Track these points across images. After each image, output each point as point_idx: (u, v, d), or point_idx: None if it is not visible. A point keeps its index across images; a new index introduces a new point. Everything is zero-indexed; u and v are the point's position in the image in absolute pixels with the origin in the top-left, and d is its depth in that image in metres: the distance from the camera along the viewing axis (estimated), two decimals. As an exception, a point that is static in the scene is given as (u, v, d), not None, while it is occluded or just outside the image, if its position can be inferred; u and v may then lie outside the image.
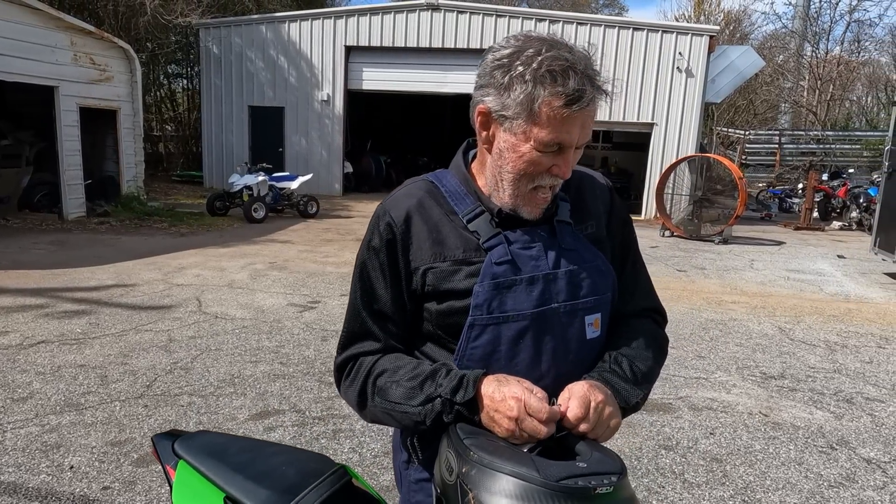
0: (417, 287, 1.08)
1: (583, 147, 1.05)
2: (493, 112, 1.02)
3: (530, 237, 1.07)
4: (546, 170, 1.02)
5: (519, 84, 0.97)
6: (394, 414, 1.03)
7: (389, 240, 1.08)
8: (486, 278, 1.03)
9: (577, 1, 37.27)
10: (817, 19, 23.03)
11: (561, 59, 0.97)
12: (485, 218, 1.07)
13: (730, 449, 3.23)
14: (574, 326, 1.08)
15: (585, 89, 0.97)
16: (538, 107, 0.97)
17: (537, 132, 0.98)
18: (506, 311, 1.04)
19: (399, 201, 1.11)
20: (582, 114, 0.98)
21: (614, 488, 0.86)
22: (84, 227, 9.49)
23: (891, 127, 8.39)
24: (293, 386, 3.80)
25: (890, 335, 5.55)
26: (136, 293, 5.80)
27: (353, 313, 1.14)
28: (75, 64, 9.77)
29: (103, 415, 3.31)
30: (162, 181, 16.57)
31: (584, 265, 1.09)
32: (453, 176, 1.14)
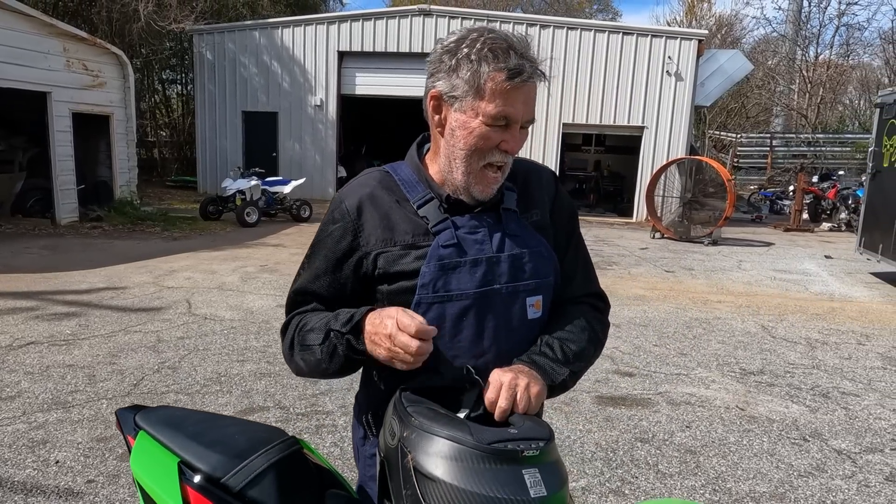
0: (368, 270, 1.15)
1: (527, 128, 1.13)
2: (444, 94, 1.10)
3: (476, 223, 1.14)
4: (495, 145, 1.09)
5: (465, 64, 1.06)
6: (305, 356, 1.12)
7: (342, 226, 1.16)
8: (433, 260, 1.10)
9: (571, 6, 37.56)
10: (807, 23, 23.25)
11: (501, 41, 1.07)
12: (434, 204, 1.15)
13: (704, 441, 3.31)
14: (515, 307, 1.15)
15: (525, 65, 1.06)
16: (483, 82, 1.05)
17: (484, 106, 1.06)
18: (450, 291, 1.11)
19: (353, 190, 1.19)
20: (523, 88, 1.07)
21: (540, 451, 0.92)
22: (77, 231, 9.53)
23: (874, 129, 8.51)
24: (278, 384, 3.86)
25: (870, 332, 5.64)
26: (126, 296, 5.86)
27: (295, 286, 1.22)
28: (68, 70, 9.84)
29: (90, 412, 3.36)
30: (156, 186, 16.63)
31: (527, 250, 1.16)
32: (407, 166, 1.22)
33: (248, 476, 1.02)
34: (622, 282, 7.45)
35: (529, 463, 0.91)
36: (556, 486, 0.92)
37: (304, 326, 1.14)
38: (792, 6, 23.86)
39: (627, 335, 5.22)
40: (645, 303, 6.41)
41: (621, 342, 5.01)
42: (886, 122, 7.94)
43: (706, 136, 22.49)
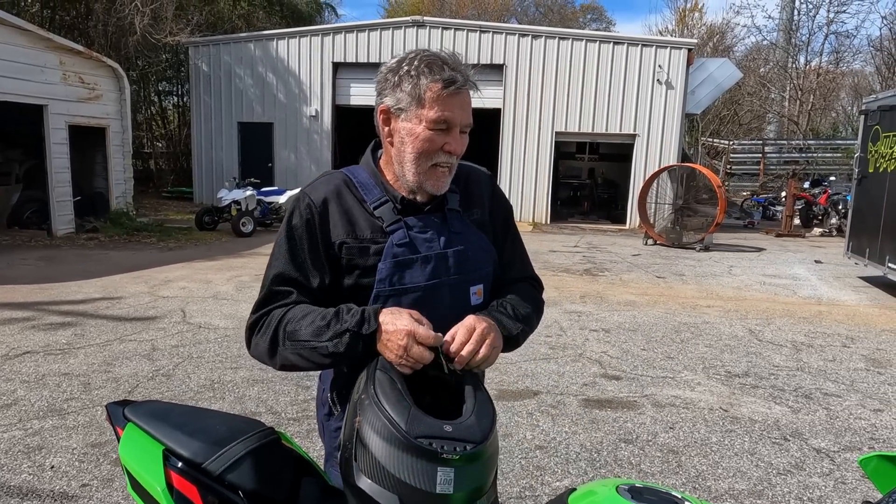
0: (333, 257, 1.26)
1: (467, 131, 1.26)
2: (391, 108, 1.25)
3: (425, 223, 1.28)
4: (440, 147, 1.23)
5: (406, 79, 1.21)
6: (304, 352, 1.17)
7: (309, 219, 1.26)
8: (388, 257, 1.24)
9: (565, 15, 37.92)
10: (797, 32, 23.55)
11: (435, 58, 1.23)
12: (388, 206, 1.28)
13: (687, 442, 3.38)
14: (460, 295, 1.30)
15: (457, 76, 1.21)
16: (423, 93, 1.20)
17: (426, 113, 1.21)
18: (404, 284, 1.24)
19: (318, 187, 1.30)
20: (458, 96, 1.21)
21: (460, 457, 0.97)
22: (73, 243, 9.60)
23: (859, 135, 8.66)
24: (271, 390, 3.93)
25: (856, 335, 5.73)
26: (121, 305, 5.92)
27: (268, 281, 1.28)
28: (64, 83, 9.94)
29: (85, 419, 3.43)
30: (152, 197, 16.70)
31: (469, 245, 1.31)
32: (363, 170, 1.35)
33: (227, 462, 1.10)
34: (613, 288, 7.54)
35: (446, 464, 0.97)
36: (465, 487, 0.98)
37: (289, 321, 1.19)
38: (782, 15, 24.16)
39: (616, 339, 5.30)
40: (635, 308, 6.50)
41: (610, 346, 5.09)
42: (871, 129, 8.08)
43: (699, 143, 22.69)
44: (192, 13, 16.36)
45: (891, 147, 7.48)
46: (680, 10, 28.37)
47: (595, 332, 5.52)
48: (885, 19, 22.99)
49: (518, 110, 14.53)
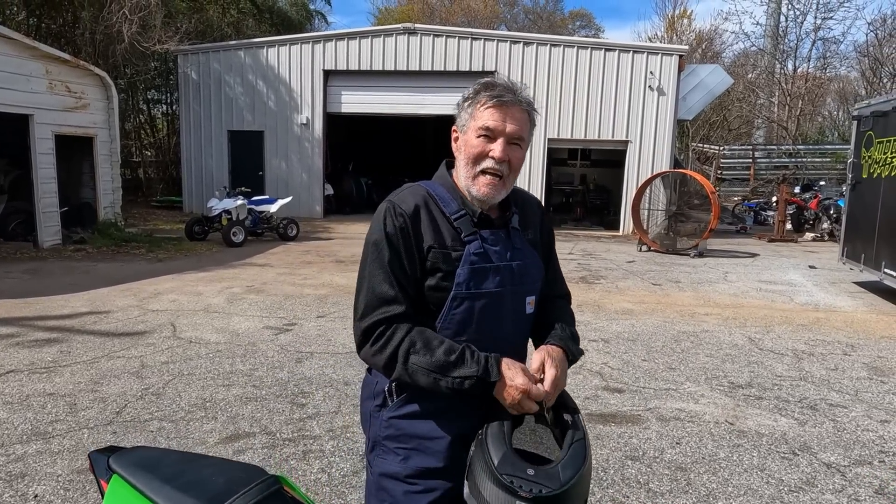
0: (422, 260, 1.41)
1: (520, 144, 1.44)
2: (458, 127, 1.49)
3: (495, 237, 1.47)
4: (486, 153, 1.41)
5: (469, 101, 1.46)
6: (423, 379, 1.33)
7: (403, 226, 1.40)
8: (467, 264, 1.40)
9: (553, 22, 38.11)
10: (784, 37, 23.75)
11: (493, 81, 1.45)
12: (467, 219, 1.44)
13: (695, 458, 3.30)
14: (519, 303, 1.49)
15: (506, 94, 1.41)
16: (476, 108, 1.43)
17: (475, 123, 1.43)
18: (479, 289, 1.41)
19: (405, 198, 1.46)
20: (505, 109, 1.41)
21: (534, 497, 1.15)
22: (59, 254, 9.41)
23: (852, 140, 8.67)
24: (265, 408, 3.80)
25: (856, 342, 5.68)
26: (109, 320, 5.77)
27: (372, 284, 1.40)
28: (50, 92, 9.77)
29: (70, 443, 3.29)
30: (141, 207, 16.49)
31: (526, 261, 1.51)
32: (439, 185, 1.51)
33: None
34: (610, 296, 7.47)
35: (523, 501, 1.16)
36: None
37: (413, 346, 1.34)
38: (770, 21, 24.38)
39: (616, 350, 5.22)
40: (633, 317, 6.42)
41: (610, 357, 5.01)
42: (864, 134, 8.09)
43: (690, 148, 22.77)
44: (180, 21, 16.23)
45: (885, 153, 7.48)
46: (669, 17, 28.58)
47: (594, 342, 5.44)
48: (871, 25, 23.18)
49: (510, 117, 14.45)
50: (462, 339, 1.38)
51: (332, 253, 10.29)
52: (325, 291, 7.26)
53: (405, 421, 1.42)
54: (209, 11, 19.05)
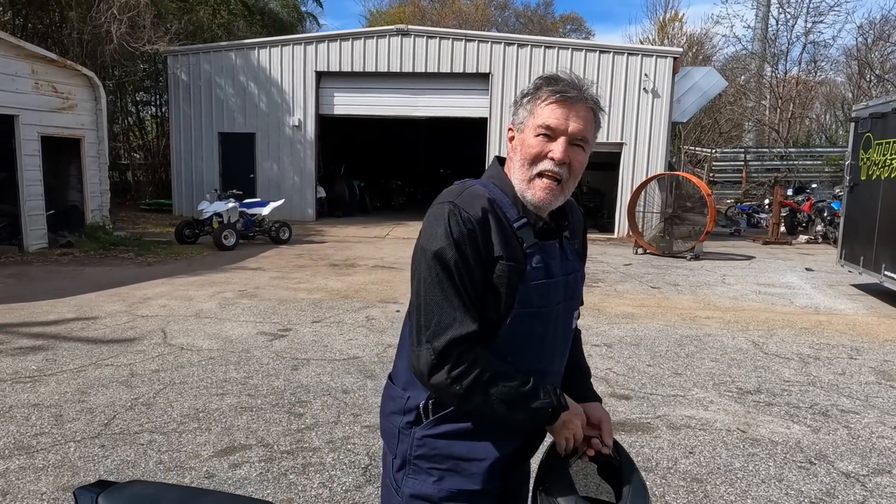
0: (489, 272, 1.26)
1: (581, 147, 1.29)
2: (515, 125, 1.35)
3: (553, 249, 1.36)
4: (544, 155, 1.28)
5: (528, 97, 1.32)
6: (500, 408, 1.25)
7: (471, 231, 1.24)
8: (529, 280, 1.28)
9: (545, 26, 38.17)
10: (775, 41, 23.88)
11: (554, 75, 1.32)
12: (528, 228, 1.31)
13: (710, 468, 3.18)
14: (568, 318, 1.41)
15: (569, 89, 1.27)
16: (535, 104, 1.30)
17: (534, 121, 1.29)
18: (541, 307, 1.30)
19: (469, 201, 1.28)
20: (568, 106, 1.27)
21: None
22: (45, 258, 9.17)
23: (850, 143, 8.64)
24: (261, 419, 3.65)
25: (860, 346, 5.61)
26: (97, 326, 5.58)
27: (440, 300, 1.23)
28: (37, 92, 9.55)
29: (56, 457, 3.12)
30: (130, 210, 16.22)
31: (576, 272, 1.42)
32: (495, 186, 1.34)
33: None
34: (609, 299, 7.37)
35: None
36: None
37: (494, 375, 1.24)
38: (761, 25, 24.51)
39: (620, 355, 5.11)
40: (634, 321, 6.32)
41: (614, 363, 4.89)
42: (862, 136, 8.06)
43: (682, 151, 22.81)
44: (170, 22, 16.01)
45: (883, 154, 7.45)
46: (660, 21, 28.68)
47: (597, 346, 5.33)
48: (861, 29, 23.34)
49: (505, 119, 14.38)
50: (521, 359, 1.30)
51: (326, 256, 10.13)
52: (319, 296, 7.10)
53: (441, 441, 1.31)
54: (199, 12, 18.82)
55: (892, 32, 23.10)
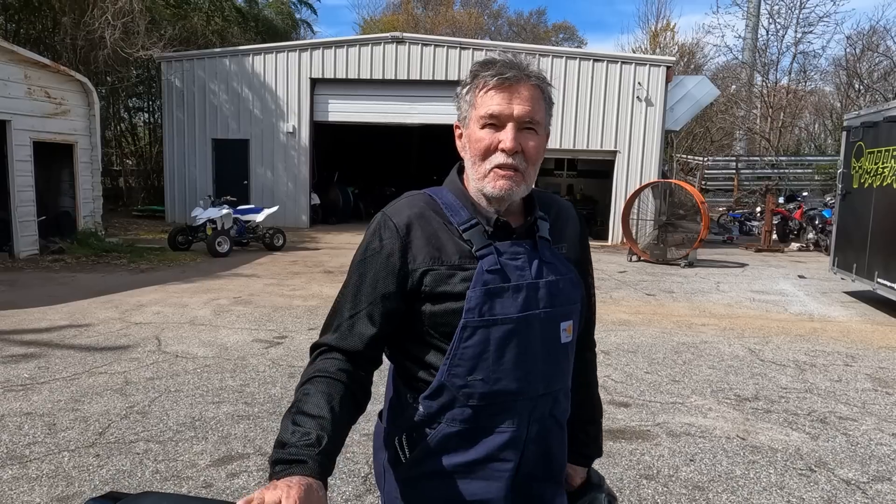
0: (414, 286, 1.16)
1: (534, 130, 1.16)
2: (460, 122, 1.23)
3: (515, 249, 1.19)
4: (494, 147, 1.15)
5: (465, 87, 1.20)
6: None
7: (390, 243, 1.17)
8: (479, 284, 1.14)
9: (537, 35, 38.43)
10: (765, 51, 24.16)
11: (490, 58, 1.18)
12: (478, 229, 1.18)
13: (711, 476, 3.17)
14: (551, 331, 1.20)
15: (506, 71, 1.14)
16: (475, 94, 1.17)
17: (477, 112, 1.16)
18: (495, 315, 1.14)
19: (401, 209, 1.21)
20: (510, 88, 1.14)
21: None
22: (37, 265, 9.07)
23: (841, 151, 8.73)
24: (258, 427, 3.61)
25: (855, 353, 5.64)
26: (90, 333, 5.51)
27: (337, 305, 1.21)
28: (29, 97, 9.48)
29: (49, 467, 3.06)
30: (122, 216, 16.11)
31: (561, 277, 1.22)
32: (448, 191, 1.25)
33: None
34: (605, 306, 7.37)
35: None
36: None
37: (305, 393, 1.09)
38: (752, 35, 24.79)
39: (618, 362, 5.11)
40: (630, 328, 6.33)
41: (612, 370, 4.89)
42: (854, 145, 8.14)
43: (674, 159, 22.96)
44: (164, 28, 15.96)
45: (875, 163, 7.52)
46: (652, 30, 28.94)
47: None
48: (849, 39, 23.66)
49: (499, 127, 14.42)
50: (478, 380, 1.13)
51: (320, 263, 10.08)
52: (314, 303, 7.06)
53: (424, 482, 1.19)
54: (193, 19, 18.79)
55: (879, 43, 23.44)
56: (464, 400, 1.15)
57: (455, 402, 1.15)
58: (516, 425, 1.18)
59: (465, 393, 1.14)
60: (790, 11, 23.41)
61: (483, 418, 1.16)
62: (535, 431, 1.20)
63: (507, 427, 1.17)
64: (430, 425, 1.18)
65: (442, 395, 1.15)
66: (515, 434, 1.18)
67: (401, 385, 1.25)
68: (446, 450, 1.17)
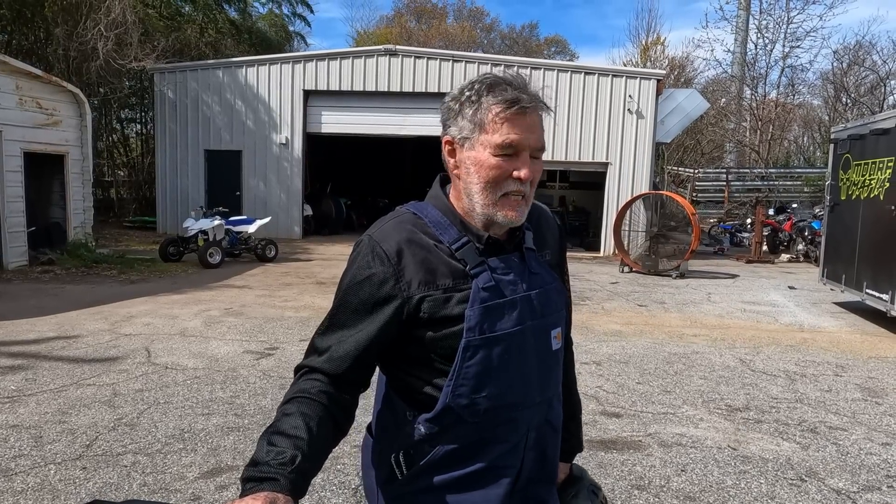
0: (411, 314, 1.14)
1: (539, 157, 1.17)
2: (455, 138, 1.17)
3: (506, 264, 1.19)
4: (508, 175, 1.14)
5: (468, 105, 1.14)
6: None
7: (382, 271, 1.14)
8: (476, 303, 1.14)
9: (529, 48, 38.80)
10: (754, 65, 24.49)
11: (496, 79, 1.15)
12: (470, 247, 1.17)
13: (702, 486, 3.17)
14: (544, 340, 1.22)
15: (521, 97, 1.12)
16: (485, 116, 1.13)
17: (489, 138, 1.13)
18: (494, 332, 1.14)
19: (388, 234, 1.17)
20: (524, 117, 1.12)
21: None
22: (26, 276, 9.00)
23: (829, 163, 8.83)
24: (248, 439, 3.58)
25: (844, 363, 5.68)
26: (79, 345, 5.46)
27: (323, 329, 1.18)
28: (20, 108, 9.45)
29: (35, 480, 3.02)
30: (113, 227, 16.02)
31: (547, 287, 1.24)
32: (433, 207, 1.22)
33: None
34: (597, 317, 7.39)
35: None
36: None
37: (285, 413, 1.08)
38: (740, 49, 25.14)
39: (609, 373, 5.11)
40: (622, 338, 6.34)
41: (604, 381, 4.89)
42: (841, 157, 8.25)
43: (665, 171, 23.15)
44: (157, 39, 15.99)
45: (862, 175, 7.61)
46: (643, 44, 29.28)
47: (586, 364, 5.32)
48: (836, 54, 24.04)
49: (491, 139, 14.51)
50: (482, 396, 1.13)
51: (313, 274, 10.06)
52: (306, 314, 7.04)
53: (421, 496, 1.19)
54: (187, 30, 18.86)
55: (865, 58, 23.81)
56: (469, 417, 1.15)
57: (459, 421, 1.15)
58: (516, 435, 1.19)
59: (471, 411, 1.14)
60: (778, 26, 23.77)
61: (485, 431, 1.17)
62: (532, 438, 1.22)
63: (508, 438, 1.19)
64: (430, 443, 1.17)
65: (446, 417, 1.14)
66: (515, 444, 1.20)
67: (396, 400, 1.22)
68: (446, 465, 1.17)
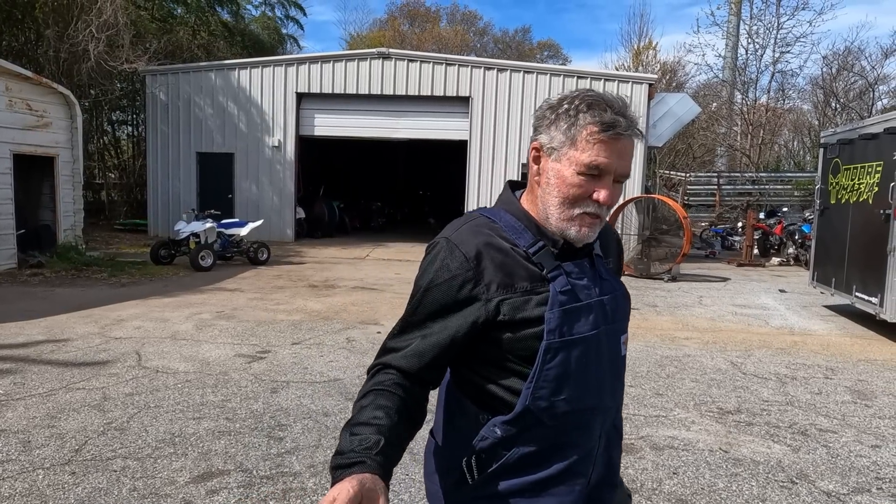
0: (490, 317, 1.15)
1: (621, 183, 1.19)
2: (544, 146, 1.18)
3: (580, 269, 1.22)
4: (588, 196, 1.15)
5: (564, 118, 1.15)
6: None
7: (462, 274, 1.15)
8: (555, 306, 1.15)
9: (522, 52, 38.94)
10: (745, 70, 24.70)
11: (598, 98, 1.15)
12: (547, 251, 1.19)
13: (694, 488, 3.18)
14: (614, 345, 1.25)
15: (620, 121, 1.12)
16: (579, 134, 1.13)
17: (577, 156, 1.13)
18: (573, 335, 1.16)
19: (466, 237, 1.19)
20: (618, 142, 1.13)
21: None
22: (14, 279, 8.91)
23: (819, 167, 8.91)
24: (239, 443, 3.56)
25: (835, 366, 5.72)
26: (68, 348, 5.41)
27: (399, 329, 1.20)
28: (10, 110, 9.38)
29: (23, 486, 2.99)
30: (104, 230, 15.91)
31: (616, 293, 1.27)
32: (506, 212, 1.24)
33: None
34: (590, 320, 7.41)
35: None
36: None
37: (360, 407, 1.12)
38: (731, 54, 25.34)
39: (602, 376, 5.12)
40: (615, 342, 6.35)
41: (597, 384, 4.90)
42: (831, 161, 8.32)
43: (657, 175, 23.27)
44: (149, 41, 15.93)
45: (851, 179, 7.68)
46: (635, 49, 29.45)
47: (579, 368, 5.33)
48: (826, 59, 24.29)
49: (485, 142, 14.57)
50: (561, 399, 1.15)
51: (305, 277, 10.03)
52: (298, 317, 7.01)
53: (498, 500, 1.19)
54: (179, 32, 18.79)
55: (854, 63, 24.06)
56: (548, 420, 1.16)
57: (537, 423, 1.16)
58: (591, 440, 1.22)
59: (550, 414, 1.16)
60: (768, 32, 24.00)
61: (562, 435, 1.19)
62: (603, 443, 1.25)
63: (583, 442, 1.21)
64: (505, 446, 1.17)
65: (525, 419, 1.15)
66: (589, 449, 1.22)
67: (466, 402, 1.24)
68: (520, 469, 1.18)
